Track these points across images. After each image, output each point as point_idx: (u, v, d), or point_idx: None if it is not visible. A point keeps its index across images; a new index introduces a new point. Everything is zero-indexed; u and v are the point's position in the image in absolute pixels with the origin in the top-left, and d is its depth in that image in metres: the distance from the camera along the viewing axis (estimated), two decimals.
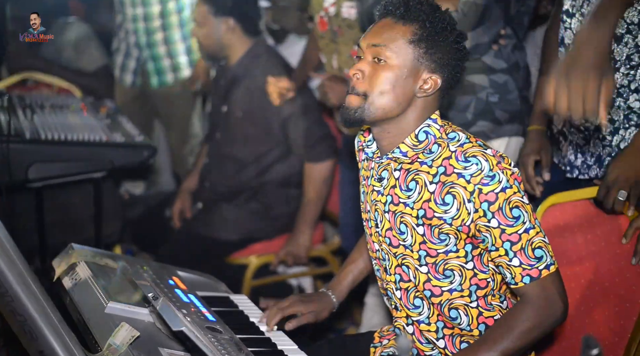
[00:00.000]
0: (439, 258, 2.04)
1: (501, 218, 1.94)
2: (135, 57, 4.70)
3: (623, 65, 2.33)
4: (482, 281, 2.06)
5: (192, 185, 4.01)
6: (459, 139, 2.02)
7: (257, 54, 3.74)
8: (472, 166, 1.94)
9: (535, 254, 1.95)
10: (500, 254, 1.97)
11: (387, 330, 2.32)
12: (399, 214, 2.07)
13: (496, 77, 2.86)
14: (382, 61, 2.01)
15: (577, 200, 2.39)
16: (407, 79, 2.01)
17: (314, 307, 2.36)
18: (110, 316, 2.01)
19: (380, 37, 2.02)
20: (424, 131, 2.05)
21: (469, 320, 2.08)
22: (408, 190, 2.05)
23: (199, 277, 2.61)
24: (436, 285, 2.07)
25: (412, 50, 2.00)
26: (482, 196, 1.93)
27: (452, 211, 1.97)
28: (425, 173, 2.02)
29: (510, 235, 1.94)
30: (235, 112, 3.71)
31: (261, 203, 3.75)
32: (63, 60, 4.54)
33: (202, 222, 3.78)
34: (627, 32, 2.31)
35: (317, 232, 3.83)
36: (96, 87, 4.53)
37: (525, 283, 1.97)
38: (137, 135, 3.50)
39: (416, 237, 2.05)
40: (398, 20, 2.02)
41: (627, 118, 2.38)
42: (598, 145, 2.46)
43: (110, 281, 2.21)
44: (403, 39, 2.00)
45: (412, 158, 2.04)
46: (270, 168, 3.73)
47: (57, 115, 3.56)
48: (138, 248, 4.15)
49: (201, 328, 1.98)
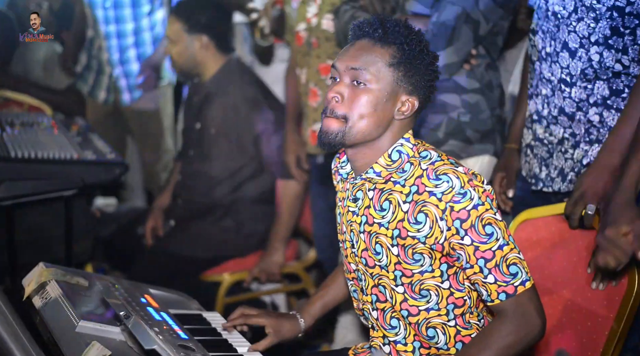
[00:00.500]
0: (414, 278, 2.03)
1: (474, 235, 1.93)
2: (108, 74, 4.69)
3: (579, 79, 2.36)
4: (458, 299, 2.06)
5: (164, 202, 3.99)
6: (431, 158, 2.02)
7: (230, 71, 3.74)
8: (443, 184, 1.94)
9: (510, 270, 1.94)
10: (475, 271, 1.96)
11: (361, 347, 2.31)
12: (374, 234, 2.06)
13: (468, 97, 2.88)
14: (362, 84, 1.99)
15: (550, 216, 2.41)
16: (387, 102, 2.00)
17: (279, 326, 2.31)
18: (81, 335, 1.99)
19: (359, 59, 2.00)
20: (397, 150, 2.04)
21: (446, 338, 2.07)
22: (382, 210, 2.04)
23: (171, 295, 2.59)
24: (413, 304, 2.06)
25: (391, 74, 1.99)
26: (453, 214, 1.93)
27: (425, 229, 1.97)
28: (399, 193, 2.01)
29: (484, 252, 1.94)
30: (209, 129, 3.71)
31: (234, 220, 3.74)
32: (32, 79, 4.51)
33: (174, 239, 3.76)
34: (580, 47, 2.34)
35: (290, 249, 3.83)
36: (66, 104, 4.51)
37: (502, 300, 1.95)
38: (108, 152, 3.48)
39: (391, 257, 2.04)
40: (376, 42, 2.01)
41: (588, 132, 2.40)
42: (560, 158, 2.49)
43: (81, 300, 2.18)
44: (382, 61, 1.99)
45: (386, 177, 2.04)
46: (244, 185, 3.72)
47: (28, 133, 3.54)
48: (110, 266, 4.12)
49: (174, 346, 1.96)
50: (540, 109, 2.53)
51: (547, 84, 2.48)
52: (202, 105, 3.76)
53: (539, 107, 2.53)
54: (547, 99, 2.49)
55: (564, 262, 2.32)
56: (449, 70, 2.80)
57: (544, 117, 2.52)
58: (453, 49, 2.75)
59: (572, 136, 2.45)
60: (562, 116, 2.45)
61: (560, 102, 2.43)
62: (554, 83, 2.44)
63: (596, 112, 2.37)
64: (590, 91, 2.36)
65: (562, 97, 2.42)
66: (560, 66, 2.40)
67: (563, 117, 2.44)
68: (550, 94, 2.47)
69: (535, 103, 2.56)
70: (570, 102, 2.40)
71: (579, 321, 2.25)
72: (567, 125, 2.45)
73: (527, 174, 2.66)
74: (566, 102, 2.41)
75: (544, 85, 2.49)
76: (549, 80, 2.47)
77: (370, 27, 2.02)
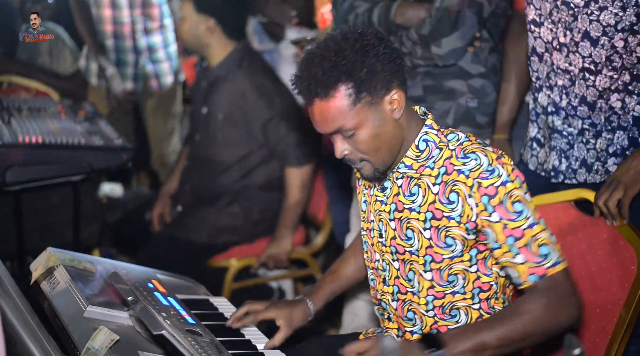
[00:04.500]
0: (443, 263, 2.02)
1: (502, 212, 1.91)
2: (133, 62, 4.64)
3: (604, 67, 2.35)
4: (485, 284, 2.05)
5: (172, 188, 3.99)
6: (459, 138, 2.02)
7: (239, 57, 3.72)
8: (471, 162, 1.94)
9: (540, 251, 1.91)
10: (504, 251, 1.94)
11: (372, 332, 2.31)
12: (405, 220, 2.05)
13: (473, 82, 2.87)
14: (352, 134, 1.96)
15: (558, 203, 2.39)
16: (381, 122, 1.97)
17: (290, 315, 2.27)
18: (89, 320, 1.99)
19: (330, 122, 1.95)
20: (424, 140, 2.04)
21: (467, 319, 2.06)
22: (411, 195, 2.04)
23: (178, 280, 2.59)
24: (439, 290, 2.05)
25: (362, 105, 1.93)
26: (481, 189, 1.92)
27: (458, 208, 1.96)
28: (427, 177, 2.01)
29: (513, 230, 1.91)
30: (216, 115, 3.70)
31: (242, 206, 3.74)
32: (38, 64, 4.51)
33: (182, 225, 3.76)
34: (603, 35, 2.32)
35: (297, 235, 3.82)
36: (73, 89, 4.50)
37: (531, 281, 1.92)
38: (115, 138, 3.48)
39: (422, 241, 2.03)
40: (324, 97, 1.92)
41: (608, 120, 2.39)
42: (582, 149, 2.48)
43: (89, 285, 2.19)
44: (347, 106, 1.92)
45: (419, 170, 2.04)
46: (253, 172, 3.72)
47: (35, 118, 3.54)
48: (117, 251, 4.13)
49: (181, 331, 1.97)
50: (558, 101, 2.50)
51: (564, 74, 2.45)
52: (209, 90, 3.75)
53: (556, 98, 2.51)
54: (565, 90, 2.47)
55: (573, 249, 2.32)
56: (455, 55, 2.79)
57: (562, 108, 2.50)
58: (458, 34, 2.74)
59: (592, 126, 2.44)
60: (582, 106, 2.43)
61: (583, 91, 2.42)
62: (574, 72, 2.42)
63: (618, 98, 2.36)
64: (615, 80, 2.35)
65: (585, 86, 2.41)
66: (581, 55, 2.38)
67: (583, 106, 2.43)
68: (569, 84, 2.45)
69: (549, 96, 2.53)
70: (594, 91, 2.39)
71: (587, 308, 2.24)
72: (586, 116, 2.44)
73: (536, 168, 2.64)
74: (589, 91, 2.40)
75: (560, 76, 2.47)
76: (566, 71, 2.45)
77: (307, 89, 1.93)
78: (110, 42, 4.54)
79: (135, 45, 4.58)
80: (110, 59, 4.55)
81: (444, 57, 2.78)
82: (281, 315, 2.26)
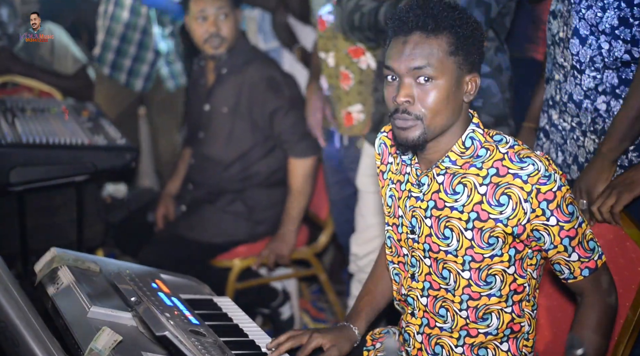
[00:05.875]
0: (483, 263, 2.01)
1: (559, 215, 1.95)
2: (149, 62, 4.63)
3: (587, 67, 2.34)
4: (519, 286, 2.05)
5: (174, 188, 3.99)
6: (507, 141, 2.01)
7: (240, 51, 3.73)
8: (529, 166, 1.94)
9: (589, 246, 2.00)
10: (559, 251, 1.99)
11: (379, 332, 2.30)
12: (444, 219, 2.03)
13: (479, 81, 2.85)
14: (428, 82, 1.94)
15: None
16: (456, 91, 1.97)
17: (336, 340, 2.21)
18: (92, 321, 1.99)
19: (419, 58, 1.93)
20: (470, 137, 2.02)
21: (499, 323, 2.06)
22: (455, 193, 2.02)
23: (182, 280, 2.59)
24: (476, 290, 2.04)
25: (452, 61, 1.94)
26: (540, 195, 1.93)
27: (507, 211, 1.95)
28: (474, 176, 2.00)
29: (569, 231, 1.97)
30: (221, 109, 3.71)
31: (245, 205, 3.74)
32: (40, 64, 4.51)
33: (185, 225, 3.76)
34: (591, 34, 2.31)
35: (301, 235, 3.82)
36: (75, 89, 4.50)
37: (585, 276, 2.01)
38: (119, 138, 3.48)
39: (463, 241, 2.01)
40: (429, 34, 1.93)
41: (594, 121, 2.39)
42: (574, 145, 2.48)
43: (93, 286, 2.19)
44: (442, 53, 1.92)
45: (463, 166, 2.02)
46: (253, 166, 3.72)
47: (39, 119, 3.54)
48: (121, 251, 4.13)
49: (184, 331, 1.97)
50: (554, 95, 2.51)
51: (560, 70, 2.46)
52: (212, 86, 3.76)
53: (553, 92, 2.52)
54: (559, 85, 2.48)
55: None
56: None
57: (557, 102, 2.50)
58: None
59: (579, 125, 2.44)
60: (570, 103, 2.43)
61: (571, 89, 2.42)
62: (567, 69, 2.42)
63: (604, 101, 2.36)
64: (600, 80, 2.34)
65: (573, 83, 2.41)
66: (570, 52, 2.38)
67: (571, 104, 2.43)
68: (563, 80, 2.45)
69: (550, 89, 2.54)
70: (579, 90, 2.39)
71: None
72: (575, 114, 2.43)
73: None
74: (576, 89, 2.40)
75: (557, 70, 2.48)
76: (561, 66, 2.45)
77: (417, 19, 1.94)
78: (137, 36, 4.56)
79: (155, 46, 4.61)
80: (129, 53, 4.56)
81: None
82: (329, 340, 2.20)
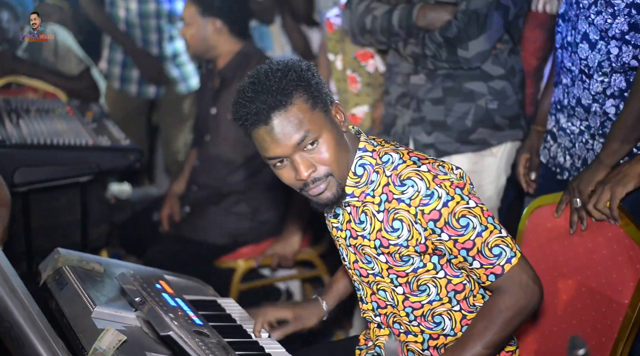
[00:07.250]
0: (409, 276, 2.04)
1: (450, 231, 1.93)
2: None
3: (596, 72, 2.35)
4: (457, 285, 2.06)
5: (180, 189, 4.00)
6: (393, 161, 1.99)
7: (247, 56, 3.73)
8: (409, 189, 1.94)
9: (493, 252, 1.94)
10: (460, 261, 1.98)
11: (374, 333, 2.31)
12: (360, 246, 2.07)
13: (494, 84, 2.85)
14: (315, 142, 1.92)
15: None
16: (336, 131, 1.96)
17: (299, 313, 2.32)
18: (96, 321, 2.00)
19: (295, 132, 1.90)
20: (360, 165, 2.02)
21: (452, 323, 2.08)
22: (360, 222, 2.05)
23: (186, 281, 2.60)
24: (415, 301, 2.07)
25: (318, 112, 1.92)
26: (425, 216, 1.93)
27: (404, 234, 1.97)
28: (371, 204, 2.01)
29: (464, 243, 1.94)
30: (226, 114, 3.71)
31: (249, 206, 3.74)
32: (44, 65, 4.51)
33: (189, 226, 3.76)
34: (600, 39, 2.32)
35: (304, 236, 3.82)
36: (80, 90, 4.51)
37: (492, 281, 1.97)
38: (123, 138, 3.48)
39: (381, 265, 2.05)
40: (286, 107, 1.89)
41: (603, 125, 2.39)
42: (583, 149, 2.48)
43: (97, 286, 2.20)
44: (306, 112, 1.90)
45: (360, 197, 2.03)
46: (260, 172, 3.72)
47: (43, 119, 3.55)
48: (125, 252, 4.14)
49: (188, 332, 1.98)
50: (562, 98, 2.52)
51: (568, 74, 2.46)
52: (218, 90, 3.76)
53: (560, 96, 2.53)
54: (567, 89, 2.48)
55: (579, 248, 2.32)
56: (482, 58, 2.77)
57: (564, 106, 2.51)
58: (485, 36, 2.72)
59: (587, 129, 2.44)
60: (578, 107, 2.44)
61: (579, 93, 2.42)
62: (575, 73, 2.43)
63: (613, 104, 2.36)
64: (608, 84, 2.35)
65: (582, 87, 2.41)
66: (579, 57, 2.39)
67: (580, 108, 2.43)
68: (570, 84, 2.46)
69: (558, 92, 2.55)
70: (588, 94, 2.39)
71: (593, 307, 2.25)
72: (584, 118, 2.44)
73: (547, 161, 2.65)
74: (585, 93, 2.40)
75: (565, 74, 2.48)
76: (569, 70, 2.45)
77: (266, 104, 1.89)
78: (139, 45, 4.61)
79: (161, 52, 4.63)
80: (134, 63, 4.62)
81: (470, 60, 2.76)
82: (292, 313, 2.31)
